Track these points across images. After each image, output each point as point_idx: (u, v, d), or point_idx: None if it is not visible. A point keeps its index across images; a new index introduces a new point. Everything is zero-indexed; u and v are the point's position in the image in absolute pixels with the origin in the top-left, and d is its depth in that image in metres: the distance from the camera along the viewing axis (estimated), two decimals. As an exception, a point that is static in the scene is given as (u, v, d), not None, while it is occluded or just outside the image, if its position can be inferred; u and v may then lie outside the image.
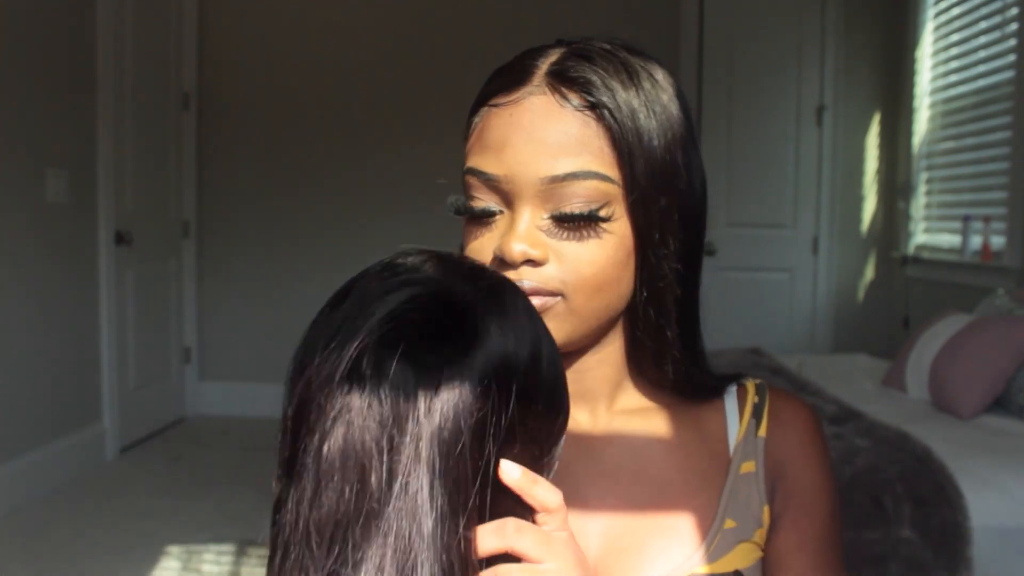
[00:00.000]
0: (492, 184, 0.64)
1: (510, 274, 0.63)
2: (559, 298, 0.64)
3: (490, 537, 0.51)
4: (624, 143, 0.63)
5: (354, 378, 0.48)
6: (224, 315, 4.63)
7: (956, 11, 3.88)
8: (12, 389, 3.14)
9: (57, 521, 3.06)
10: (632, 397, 0.74)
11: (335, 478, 0.47)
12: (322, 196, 4.55)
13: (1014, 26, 3.36)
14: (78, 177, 3.53)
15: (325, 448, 0.47)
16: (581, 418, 0.73)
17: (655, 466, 0.71)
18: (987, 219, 3.46)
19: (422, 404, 0.47)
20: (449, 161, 0.69)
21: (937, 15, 4.07)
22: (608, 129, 0.63)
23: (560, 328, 0.65)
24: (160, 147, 4.23)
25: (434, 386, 0.47)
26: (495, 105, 0.65)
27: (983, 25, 3.65)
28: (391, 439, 0.46)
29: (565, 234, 0.64)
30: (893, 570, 1.85)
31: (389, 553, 0.45)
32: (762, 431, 0.73)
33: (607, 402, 0.73)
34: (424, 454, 0.47)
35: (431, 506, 0.46)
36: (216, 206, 4.59)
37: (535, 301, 0.63)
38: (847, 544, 1.93)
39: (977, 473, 2.02)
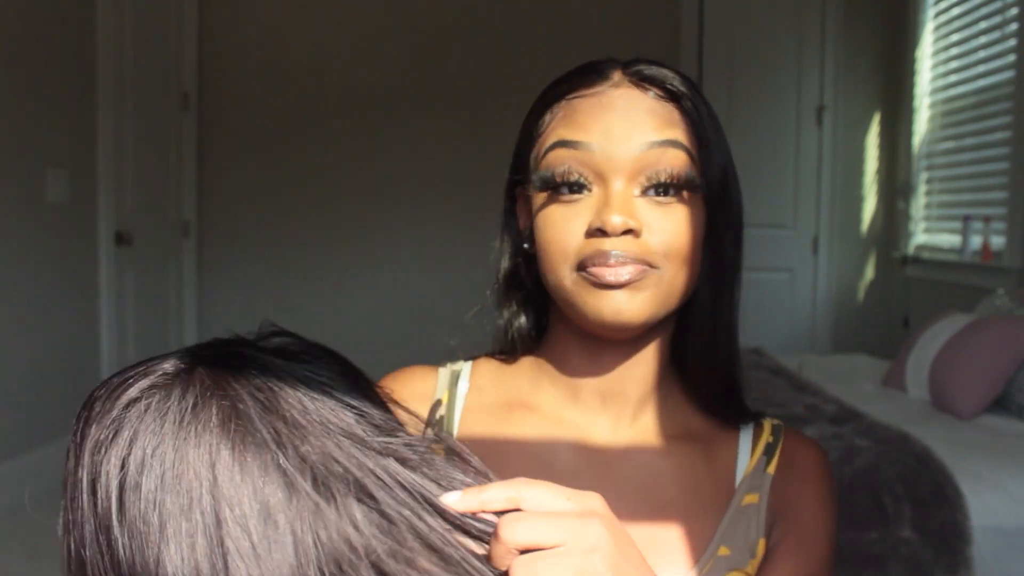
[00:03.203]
0: (585, 155, 0.67)
1: (608, 243, 0.65)
2: (655, 269, 0.67)
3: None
4: (703, 129, 0.69)
5: None
6: (224, 315, 4.63)
7: (956, 11, 3.88)
8: (12, 389, 3.14)
9: (57, 521, 3.05)
10: (654, 414, 0.75)
11: None
12: (322, 196, 4.54)
13: (1014, 26, 3.36)
14: (78, 177, 3.53)
15: None
16: (602, 427, 0.74)
17: (661, 485, 0.72)
18: (987, 219, 3.46)
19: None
20: (450, 160, 0.69)
21: (937, 15, 4.07)
22: (688, 117, 0.68)
23: (653, 297, 0.67)
24: (160, 147, 4.23)
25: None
26: (578, 96, 0.69)
27: (983, 25, 3.65)
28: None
29: (655, 207, 0.67)
30: (893, 570, 1.85)
31: None
32: (771, 469, 0.75)
33: (632, 411, 0.74)
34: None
35: None
36: (216, 206, 4.58)
37: (633, 269, 0.65)
38: (847, 544, 1.92)
39: (977, 473, 2.02)
